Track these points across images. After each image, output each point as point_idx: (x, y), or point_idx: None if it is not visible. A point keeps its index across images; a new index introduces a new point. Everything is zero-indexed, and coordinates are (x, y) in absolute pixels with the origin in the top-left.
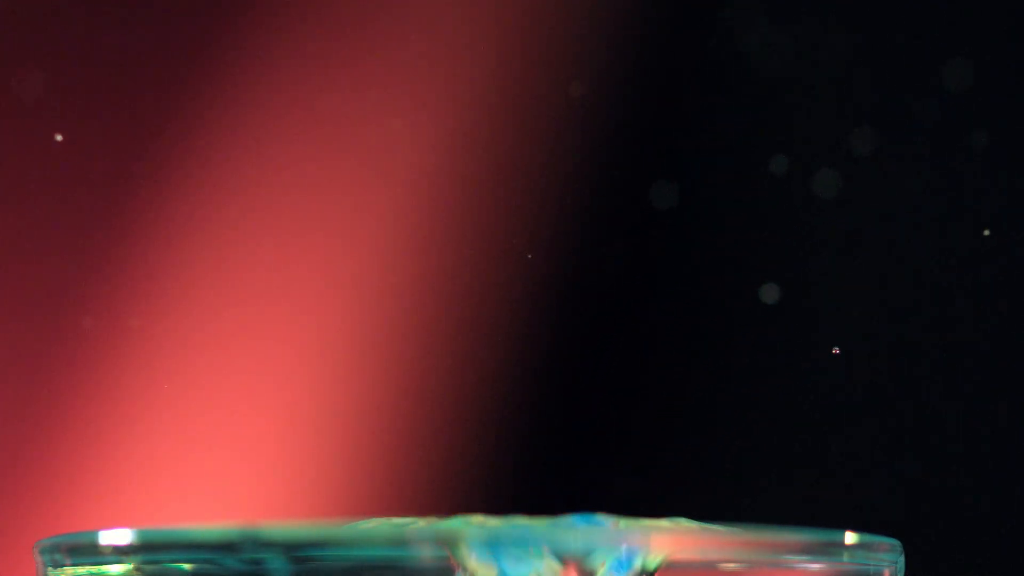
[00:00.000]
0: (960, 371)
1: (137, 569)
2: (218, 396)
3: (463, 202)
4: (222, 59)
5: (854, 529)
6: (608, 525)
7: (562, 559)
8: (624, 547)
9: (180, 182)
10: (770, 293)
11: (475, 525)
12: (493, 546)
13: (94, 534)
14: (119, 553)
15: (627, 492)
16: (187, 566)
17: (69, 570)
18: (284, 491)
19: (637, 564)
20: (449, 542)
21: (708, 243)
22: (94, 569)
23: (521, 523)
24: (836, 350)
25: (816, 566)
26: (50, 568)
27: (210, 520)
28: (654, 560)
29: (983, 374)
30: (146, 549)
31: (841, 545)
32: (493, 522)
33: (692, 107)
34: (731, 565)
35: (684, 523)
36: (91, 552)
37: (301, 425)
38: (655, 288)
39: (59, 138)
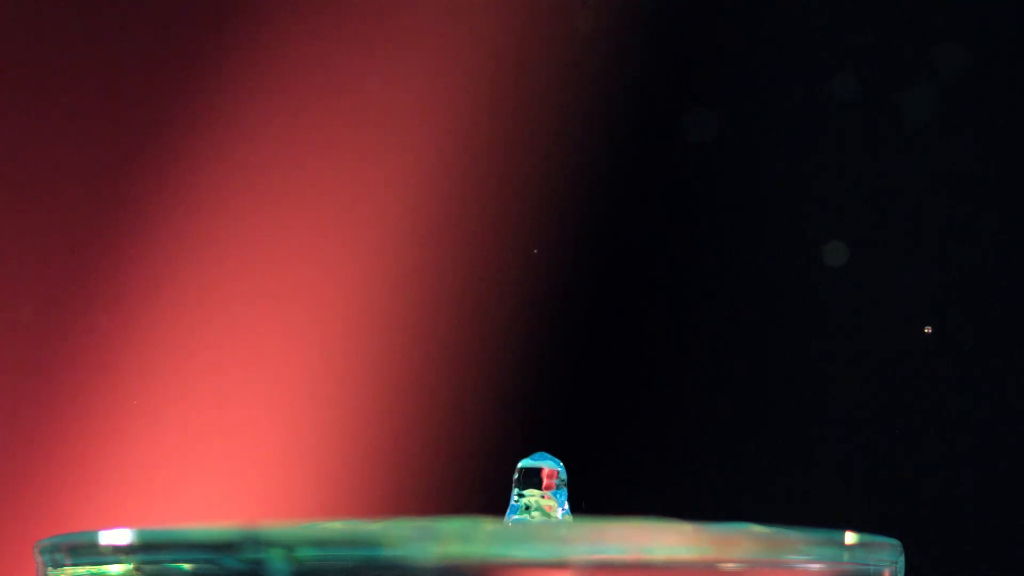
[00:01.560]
0: (961, 370)
1: (137, 569)
2: (218, 396)
3: (466, 198)
4: (220, 59)
5: (854, 529)
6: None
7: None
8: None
9: (179, 182)
10: (836, 254)
11: (476, 525)
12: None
13: (94, 534)
14: (119, 553)
15: (627, 491)
16: (187, 566)
17: (69, 570)
18: (284, 491)
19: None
20: (447, 542)
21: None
22: (94, 569)
23: (525, 526)
24: (928, 329)
25: (816, 566)
26: (50, 568)
27: (210, 520)
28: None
29: (985, 373)
30: (146, 549)
31: (841, 545)
32: (495, 523)
33: (733, 18)
34: (731, 565)
35: (753, 528)
36: (91, 552)
37: (301, 425)
38: (653, 283)
39: None
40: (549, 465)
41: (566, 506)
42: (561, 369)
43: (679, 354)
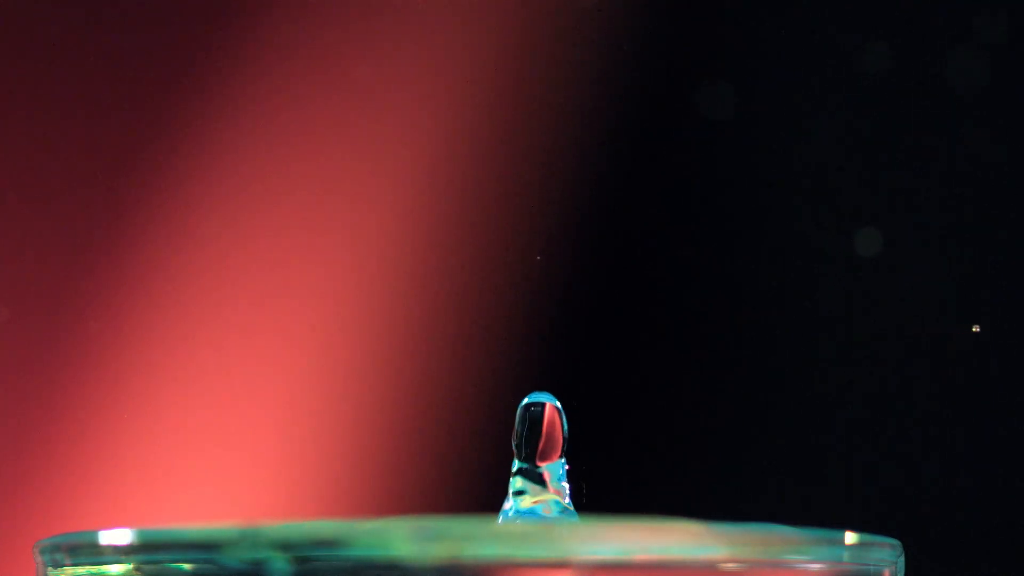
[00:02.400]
0: (961, 369)
1: (137, 569)
2: (218, 396)
3: (466, 198)
4: (220, 59)
5: (854, 529)
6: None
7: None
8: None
9: (177, 182)
10: (869, 243)
11: (476, 525)
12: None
13: (94, 534)
14: (119, 553)
15: (627, 491)
16: (187, 566)
17: (69, 570)
18: (284, 491)
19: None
20: (447, 542)
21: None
22: (94, 569)
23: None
24: (976, 328)
25: (816, 566)
26: (50, 568)
27: (210, 520)
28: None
29: (984, 373)
30: (146, 549)
31: (841, 545)
32: (497, 522)
33: (734, 17)
34: (731, 565)
35: (753, 528)
36: (91, 552)
37: (302, 425)
38: (654, 283)
39: None
40: (548, 400)
41: (566, 486)
42: (562, 369)
43: (679, 355)
